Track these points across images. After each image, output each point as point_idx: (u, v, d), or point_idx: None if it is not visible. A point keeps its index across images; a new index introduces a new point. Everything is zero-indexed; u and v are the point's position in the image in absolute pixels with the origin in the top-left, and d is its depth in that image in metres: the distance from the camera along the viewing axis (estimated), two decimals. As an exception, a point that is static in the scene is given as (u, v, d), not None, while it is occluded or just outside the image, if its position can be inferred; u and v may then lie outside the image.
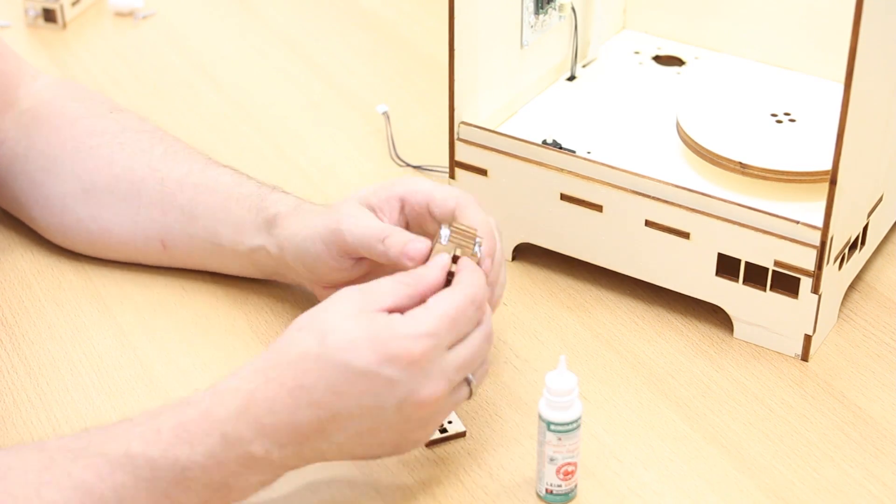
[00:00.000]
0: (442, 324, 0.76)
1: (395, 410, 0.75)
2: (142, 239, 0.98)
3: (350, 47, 1.34)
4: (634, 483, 0.83)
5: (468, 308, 0.78)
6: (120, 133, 1.00)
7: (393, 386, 0.75)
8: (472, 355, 0.78)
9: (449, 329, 0.76)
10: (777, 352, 0.93)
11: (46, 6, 1.35)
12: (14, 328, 0.96)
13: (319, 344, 0.75)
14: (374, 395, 0.75)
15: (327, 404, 0.74)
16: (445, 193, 0.87)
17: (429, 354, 0.75)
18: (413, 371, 0.75)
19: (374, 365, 0.74)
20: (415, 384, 0.75)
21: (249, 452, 0.74)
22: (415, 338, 0.75)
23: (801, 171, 0.94)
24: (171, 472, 0.72)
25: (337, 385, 0.74)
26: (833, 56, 1.05)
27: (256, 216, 0.93)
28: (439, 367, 0.76)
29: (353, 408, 0.75)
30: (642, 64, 1.14)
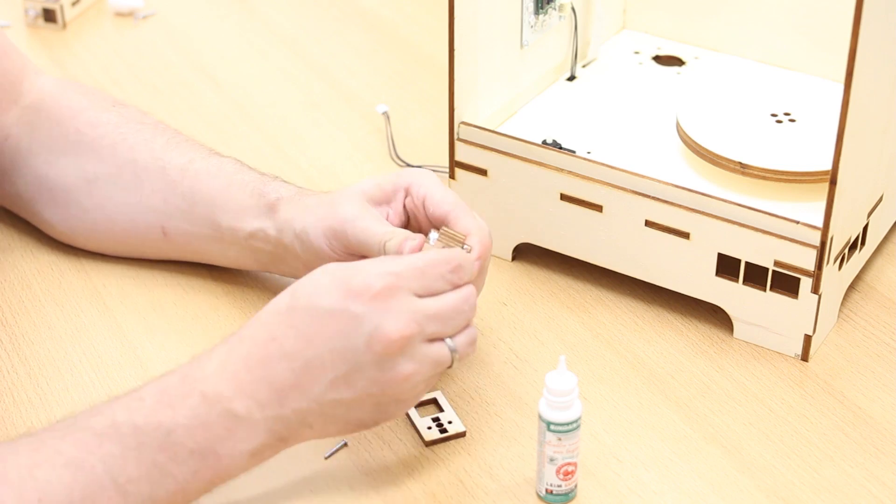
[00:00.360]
0: (407, 269, 0.77)
1: (366, 348, 0.75)
2: (143, 228, 0.98)
3: (350, 47, 1.34)
4: (634, 483, 0.83)
5: (440, 265, 0.79)
6: (123, 125, 1.01)
7: (357, 321, 0.75)
8: (444, 310, 0.78)
9: (415, 276, 0.77)
10: (777, 352, 0.93)
11: (46, 6, 1.35)
12: (14, 328, 0.96)
13: (290, 297, 0.77)
14: (342, 335, 0.75)
15: (299, 352, 0.75)
16: (442, 196, 0.88)
17: (391, 290, 0.76)
18: (376, 305, 0.76)
19: (337, 302, 0.75)
20: (379, 318, 0.75)
21: (231, 411, 0.74)
22: (377, 274, 0.76)
23: (801, 171, 0.94)
24: (156, 437, 0.73)
25: (305, 330, 0.75)
26: (833, 56, 1.05)
27: (258, 200, 0.94)
28: (406, 306, 0.76)
29: (324, 352, 0.75)
30: (642, 64, 1.14)
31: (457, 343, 0.79)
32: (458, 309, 0.79)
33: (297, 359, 0.75)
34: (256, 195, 0.94)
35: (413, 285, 0.77)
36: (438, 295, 0.79)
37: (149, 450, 0.73)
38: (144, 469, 0.73)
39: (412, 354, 0.77)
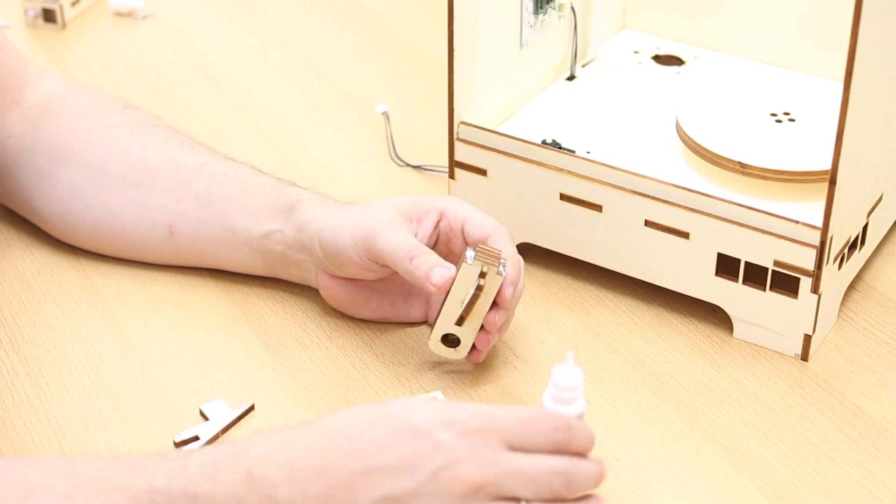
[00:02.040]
0: (508, 418, 0.73)
1: (430, 479, 0.71)
2: (148, 226, 0.98)
3: (350, 47, 1.34)
4: (634, 483, 0.83)
5: (545, 422, 0.73)
6: (135, 126, 1.01)
7: (438, 449, 0.71)
8: (533, 470, 0.72)
9: (514, 426, 0.72)
10: (777, 351, 0.93)
11: (46, 6, 1.35)
12: (14, 328, 0.96)
13: (384, 403, 0.73)
14: (416, 456, 0.71)
15: (366, 456, 0.71)
16: (482, 219, 0.89)
17: (484, 434, 0.71)
18: (463, 442, 0.71)
19: (428, 424, 0.71)
20: (461, 455, 0.71)
21: (273, 496, 0.71)
22: (476, 415, 0.72)
23: (801, 170, 0.94)
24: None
25: (384, 438, 0.71)
26: (833, 56, 1.05)
27: (276, 201, 0.94)
28: (492, 455, 0.72)
29: (390, 464, 0.71)
30: (642, 64, 1.14)
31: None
32: (547, 475, 0.72)
33: (361, 461, 0.71)
34: (274, 196, 0.95)
35: (509, 437, 0.72)
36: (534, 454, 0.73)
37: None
38: None
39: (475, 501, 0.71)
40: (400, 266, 0.87)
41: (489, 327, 0.88)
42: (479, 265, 0.85)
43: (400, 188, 1.11)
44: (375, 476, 0.71)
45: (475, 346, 0.89)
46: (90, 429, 0.87)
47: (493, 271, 0.85)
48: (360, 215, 0.90)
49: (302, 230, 0.92)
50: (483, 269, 0.85)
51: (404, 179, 1.13)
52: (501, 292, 0.86)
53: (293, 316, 0.97)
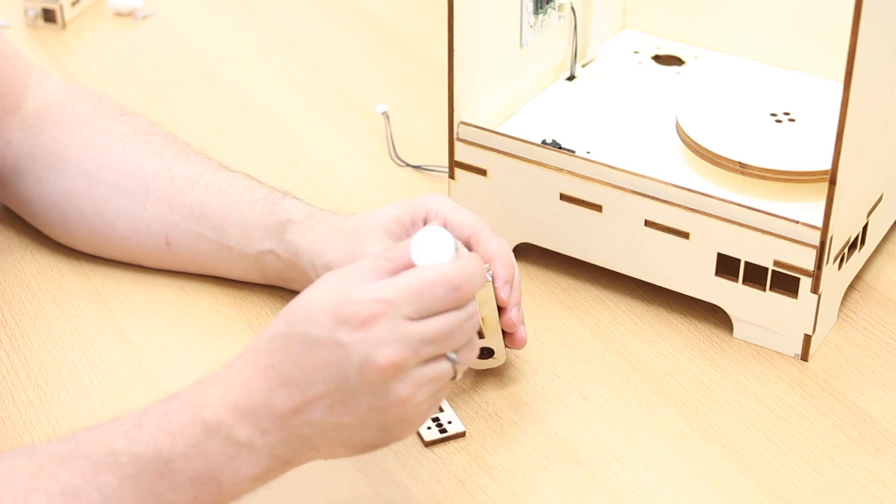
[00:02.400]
0: (400, 292, 0.74)
1: (357, 377, 0.73)
2: (145, 235, 0.98)
3: (350, 47, 1.34)
4: (634, 483, 0.83)
5: (438, 287, 0.74)
6: (131, 134, 1.01)
7: (347, 351, 0.73)
8: (444, 331, 0.75)
9: (408, 299, 0.74)
10: (777, 351, 0.93)
11: (46, 6, 1.35)
12: (14, 328, 0.96)
13: (286, 322, 0.75)
14: (334, 364, 0.73)
15: (296, 381, 0.73)
16: (461, 219, 0.88)
17: (378, 317, 0.73)
18: (364, 333, 0.73)
19: (326, 331, 0.73)
20: (368, 348, 0.72)
21: (232, 439, 0.73)
22: (366, 301, 0.73)
23: (801, 170, 0.94)
24: (155, 466, 0.72)
25: (301, 359, 0.73)
26: (833, 56, 1.05)
27: (268, 219, 0.94)
28: (396, 332, 0.73)
29: (320, 381, 0.73)
30: (642, 63, 1.14)
31: (459, 355, 0.76)
32: (460, 328, 0.75)
33: (294, 386, 0.73)
34: (266, 213, 0.94)
35: (406, 309, 0.74)
36: (437, 315, 0.74)
37: (147, 479, 0.72)
38: (141, 499, 0.71)
39: (407, 378, 0.74)
40: None
41: (509, 328, 0.87)
42: None
43: (400, 188, 1.11)
44: (312, 394, 0.73)
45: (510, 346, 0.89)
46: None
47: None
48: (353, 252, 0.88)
49: (296, 255, 0.92)
50: None
51: (404, 179, 1.13)
52: (499, 294, 0.86)
53: (293, 316, 0.96)
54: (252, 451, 0.73)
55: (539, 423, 0.88)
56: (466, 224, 0.88)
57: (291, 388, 0.73)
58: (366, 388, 0.73)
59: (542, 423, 0.88)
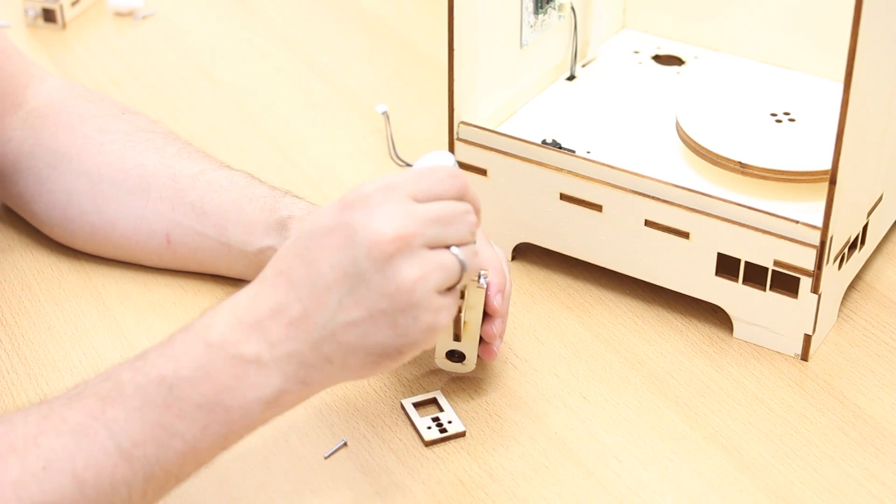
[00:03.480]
0: (402, 175, 0.74)
1: (366, 256, 0.72)
2: (146, 234, 0.98)
3: (350, 47, 1.34)
4: (634, 483, 0.83)
5: (438, 171, 0.75)
6: (132, 132, 1.01)
7: (353, 229, 0.72)
8: (445, 213, 0.74)
9: (410, 180, 0.74)
10: (777, 351, 0.93)
11: (46, 6, 1.35)
12: (14, 328, 0.96)
13: (295, 233, 0.75)
14: (340, 248, 0.72)
15: (305, 279, 0.72)
16: None
17: (382, 193, 0.73)
18: (369, 208, 0.72)
19: (334, 216, 0.73)
20: (373, 219, 0.72)
21: (238, 356, 0.71)
22: (370, 183, 0.74)
23: (801, 170, 0.94)
24: (159, 394, 0.70)
25: (307, 254, 0.72)
26: (833, 56, 1.05)
27: (269, 216, 0.94)
28: (401, 208, 0.73)
29: (327, 271, 0.72)
30: (642, 63, 1.14)
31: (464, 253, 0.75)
32: (460, 216, 0.75)
33: (302, 285, 0.72)
34: (267, 211, 0.94)
35: (410, 188, 0.74)
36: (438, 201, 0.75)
37: (152, 409, 0.70)
38: (150, 430, 0.70)
39: (414, 257, 0.73)
40: None
41: (488, 338, 0.87)
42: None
43: (400, 188, 1.11)
44: (321, 288, 0.72)
45: (481, 355, 0.89)
46: (90, 429, 0.87)
47: (473, 286, 0.84)
48: None
49: None
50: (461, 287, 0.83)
51: (404, 179, 1.12)
52: (489, 302, 0.85)
53: (293, 316, 0.96)
54: (260, 368, 0.72)
55: (539, 423, 0.88)
56: None
57: (300, 288, 0.72)
58: (373, 266, 0.72)
59: (542, 423, 0.88)
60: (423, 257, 0.73)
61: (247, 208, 0.95)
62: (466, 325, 0.86)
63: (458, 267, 0.75)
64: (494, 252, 0.87)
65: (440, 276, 0.74)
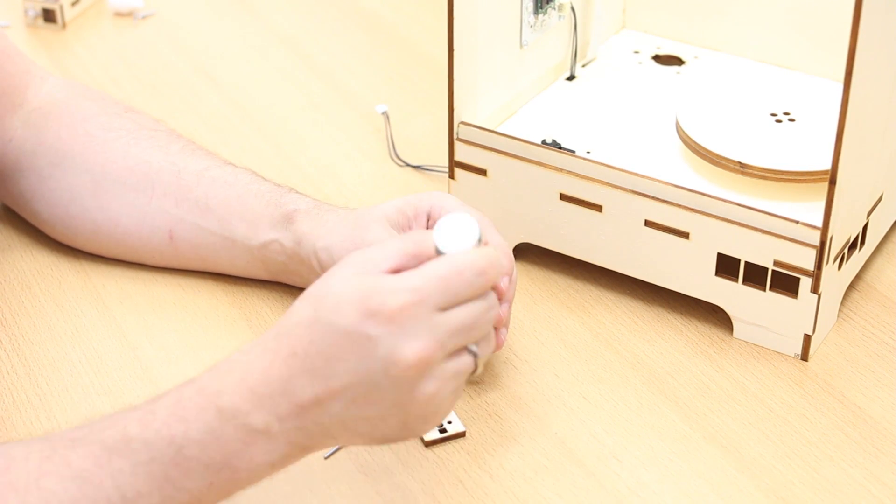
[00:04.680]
0: (428, 282, 0.73)
1: (383, 373, 0.72)
2: (148, 231, 0.98)
3: (350, 47, 1.34)
4: (634, 483, 0.83)
5: (465, 272, 0.74)
6: (135, 130, 1.01)
7: (374, 344, 0.72)
8: (469, 321, 0.74)
9: (437, 289, 0.73)
10: (777, 351, 0.93)
11: (46, 6, 1.35)
12: (14, 328, 0.96)
13: (313, 310, 0.73)
14: (361, 357, 0.72)
15: (320, 371, 0.72)
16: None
17: (409, 309, 0.72)
18: (393, 327, 0.72)
19: (355, 323, 0.72)
20: (396, 341, 0.72)
21: (248, 425, 0.72)
22: (395, 291, 0.72)
23: (801, 170, 0.94)
24: (168, 453, 0.71)
25: (326, 349, 0.72)
26: (833, 56, 1.05)
27: (274, 210, 0.94)
28: (425, 325, 0.72)
29: (344, 373, 0.72)
30: (642, 63, 1.14)
31: (479, 347, 0.75)
32: (483, 318, 0.75)
33: (317, 376, 0.72)
34: (272, 205, 0.94)
35: (436, 299, 0.73)
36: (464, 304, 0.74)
37: (160, 465, 0.71)
38: (156, 484, 0.71)
39: (433, 374, 0.73)
40: None
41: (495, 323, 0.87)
42: None
43: (400, 188, 1.11)
44: (335, 386, 0.72)
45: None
46: (90, 429, 0.87)
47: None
48: (355, 236, 0.89)
49: (300, 243, 0.92)
50: None
51: (404, 179, 1.13)
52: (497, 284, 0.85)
53: (293, 316, 0.96)
54: (269, 439, 0.72)
55: (539, 423, 0.88)
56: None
57: (314, 377, 0.72)
58: (391, 383, 0.72)
59: (542, 423, 0.88)
60: (440, 371, 0.73)
61: (251, 203, 0.95)
62: None
63: (473, 365, 0.75)
64: (500, 238, 0.87)
65: (455, 382, 0.75)
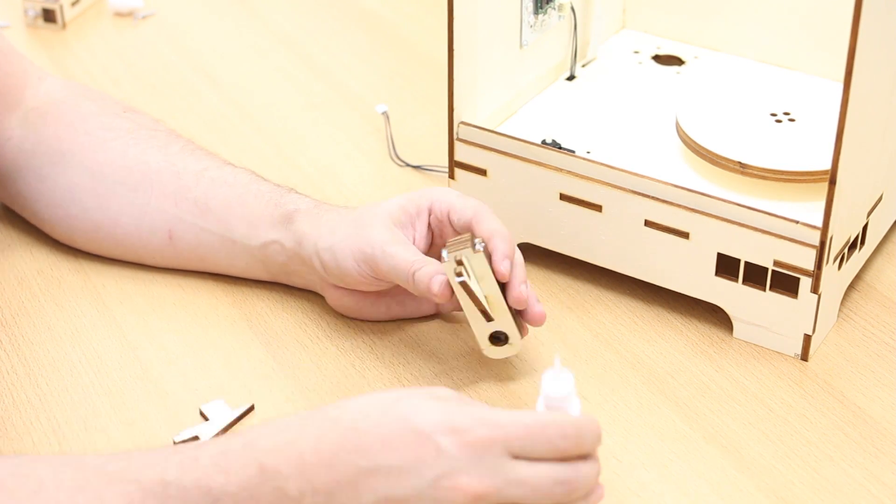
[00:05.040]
0: (514, 426, 0.72)
1: (433, 486, 0.71)
2: (148, 230, 0.98)
3: (350, 47, 1.34)
4: (634, 483, 0.83)
5: (549, 428, 0.72)
6: (135, 130, 1.01)
7: (439, 455, 0.71)
8: (537, 481, 0.71)
9: (518, 436, 0.72)
10: (777, 351, 0.93)
11: (46, 6, 1.35)
12: (14, 328, 0.96)
13: (395, 399, 0.73)
14: (420, 460, 0.71)
15: (372, 453, 0.71)
16: (464, 203, 0.89)
17: (487, 443, 0.71)
18: (466, 452, 0.71)
19: (432, 428, 0.71)
20: (461, 464, 0.71)
21: (283, 489, 0.71)
22: (482, 422, 0.71)
23: (801, 170, 0.94)
24: (202, 502, 0.70)
25: (391, 437, 0.71)
26: (833, 56, 1.05)
27: (274, 210, 0.94)
28: (495, 464, 0.71)
29: (394, 466, 0.71)
30: (642, 63, 1.14)
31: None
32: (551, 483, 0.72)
33: (368, 458, 0.71)
34: (272, 205, 0.94)
35: (513, 445, 0.72)
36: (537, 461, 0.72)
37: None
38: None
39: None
40: (405, 284, 0.87)
41: (519, 305, 0.86)
42: (454, 256, 0.84)
43: (400, 188, 1.11)
44: (380, 475, 0.71)
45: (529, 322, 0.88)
46: (90, 429, 0.87)
47: (469, 253, 0.84)
48: (358, 235, 0.89)
49: (300, 244, 0.92)
50: (457, 258, 0.84)
51: (404, 179, 1.13)
52: (498, 267, 0.85)
53: (293, 316, 0.97)
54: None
55: (539, 423, 0.87)
56: (469, 207, 0.89)
57: (365, 455, 0.71)
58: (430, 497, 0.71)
59: (542, 423, 0.88)
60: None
61: (251, 203, 0.95)
62: (489, 300, 0.86)
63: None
64: (500, 224, 0.87)
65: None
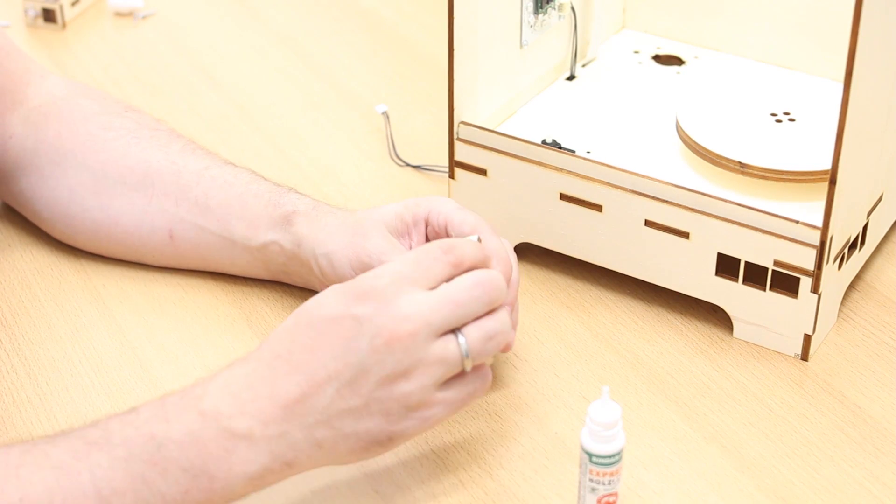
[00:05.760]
0: (402, 264, 0.75)
1: (369, 350, 0.73)
2: (148, 230, 0.98)
3: (350, 47, 1.34)
4: (634, 483, 0.83)
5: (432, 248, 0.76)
6: (136, 129, 1.01)
7: (359, 323, 0.73)
8: (457, 301, 0.75)
9: (409, 270, 0.75)
10: (777, 351, 0.93)
11: (46, 6, 1.35)
12: (14, 328, 0.96)
13: (295, 315, 0.75)
14: (345, 339, 0.73)
15: (304, 365, 0.73)
16: (462, 218, 0.88)
17: (389, 288, 0.74)
18: (379, 303, 0.73)
19: (341, 308, 0.74)
20: (380, 318, 0.73)
21: (229, 429, 0.72)
22: (380, 274, 0.75)
23: (801, 170, 0.94)
24: (146, 450, 0.71)
25: (309, 342, 0.73)
26: (833, 56, 1.05)
27: (273, 211, 0.94)
28: (408, 298, 0.74)
29: (328, 360, 0.73)
30: (642, 63, 1.14)
31: (467, 336, 0.76)
32: (468, 291, 0.75)
33: (301, 371, 0.73)
34: (271, 206, 0.94)
35: (415, 276, 0.75)
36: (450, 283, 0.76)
37: (137, 462, 0.71)
38: (130, 482, 0.71)
39: (417, 351, 0.74)
40: None
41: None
42: None
43: (400, 188, 1.11)
44: (320, 377, 0.73)
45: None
46: (90, 429, 0.87)
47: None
48: (355, 243, 0.89)
49: (300, 246, 0.92)
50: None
51: (404, 179, 1.13)
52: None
53: (293, 316, 0.97)
54: (250, 445, 0.73)
55: (539, 423, 0.88)
56: (468, 224, 0.88)
57: (298, 374, 0.73)
58: (376, 360, 0.73)
59: (542, 423, 0.88)
60: (425, 354, 0.74)
61: (251, 203, 0.95)
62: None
63: (458, 353, 0.75)
64: (500, 242, 0.87)
65: (440, 368, 0.75)
